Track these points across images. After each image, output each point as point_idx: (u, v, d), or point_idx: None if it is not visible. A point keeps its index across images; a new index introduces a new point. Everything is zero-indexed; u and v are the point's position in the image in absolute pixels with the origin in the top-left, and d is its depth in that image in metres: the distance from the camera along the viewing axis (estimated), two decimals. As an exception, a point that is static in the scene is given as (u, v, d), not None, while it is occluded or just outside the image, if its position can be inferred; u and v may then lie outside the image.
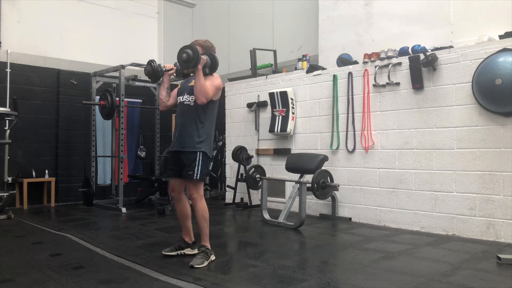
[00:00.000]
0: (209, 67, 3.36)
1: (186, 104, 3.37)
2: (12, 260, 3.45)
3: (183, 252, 3.51)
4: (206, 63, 3.31)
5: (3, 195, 5.70)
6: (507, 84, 3.86)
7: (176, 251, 3.51)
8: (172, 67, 3.51)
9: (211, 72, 3.40)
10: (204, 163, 3.32)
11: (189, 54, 3.18)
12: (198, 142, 3.31)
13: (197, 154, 3.30)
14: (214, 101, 3.41)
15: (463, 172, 4.33)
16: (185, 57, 3.19)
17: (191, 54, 3.18)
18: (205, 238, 3.35)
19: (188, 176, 3.31)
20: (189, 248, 3.53)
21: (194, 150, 3.30)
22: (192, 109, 3.34)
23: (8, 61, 6.60)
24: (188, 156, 3.30)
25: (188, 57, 3.18)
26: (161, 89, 3.53)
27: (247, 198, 6.41)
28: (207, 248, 3.32)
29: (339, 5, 5.85)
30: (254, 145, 6.58)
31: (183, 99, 3.39)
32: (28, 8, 7.06)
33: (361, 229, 4.72)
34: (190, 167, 3.28)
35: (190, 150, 3.31)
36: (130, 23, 8.43)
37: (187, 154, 3.31)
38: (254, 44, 6.94)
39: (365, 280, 2.92)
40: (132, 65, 6.54)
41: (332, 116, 5.49)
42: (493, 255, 3.48)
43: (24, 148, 6.69)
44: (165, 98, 3.51)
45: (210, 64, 3.36)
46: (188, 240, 3.54)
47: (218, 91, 3.41)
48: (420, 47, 4.71)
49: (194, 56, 3.18)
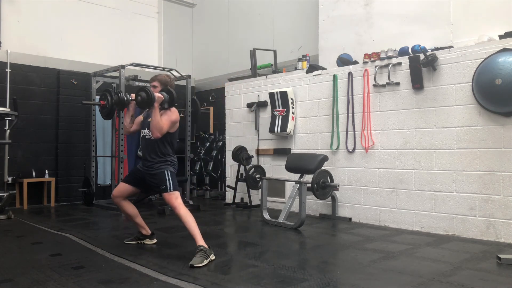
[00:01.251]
0: (167, 102, 3.64)
1: (148, 138, 3.71)
2: (12, 260, 3.45)
3: (142, 242, 3.99)
4: (164, 100, 3.61)
5: (3, 195, 5.70)
6: (507, 84, 3.86)
7: (136, 240, 4.00)
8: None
9: (170, 106, 3.69)
10: (173, 176, 3.65)
11: (143, 96, 3.51)
12: (162, 164, 3.66)
13: (165, 172, 3.63)
14: (171, 133, 3.71)
15: (463, 172, 4.33)
16: (140, 99, 3.53)
17: (145, 97, 3.50)
18: (198, 238, 3.42)
19: (164, 190, 3.60)
20: (148, 239, 4.00)
21: (162, 170, 3.64)
22: (153, 142, 3.67)
23: (8, 61, 6.60)
24: (158, 177, 3.63)
25: (142, 100, 3.52)
26: (125, 117, 3.83)
27: (247, 198, 6.41)
28: (205, 247, 3.35)
29: (339, 5, 5.85)
30: (254, 145, 6.58)
31: (145, 133, 3.75)
32: (28, 8, 7.06)
33: (361, 229, 4.72)
34: (162, 182, 3.60)
35: (158, 172, 3.64)
36: (130, 23, 8.42)
37: (156, 176, 3.64)
38: (254, 44, 6.94)
39: (365, 280, 2.92)
40: (132, 65, 6.54)
41: (332, 116, 5.49)
42: (493, 255, 3.48)
43: (24, 148, 6.69)
44: (128, 125, 3.82)
45: (168, 99, 3.65)
46: (145, 232, 3.99)
47: (174, 124, 3.71)
48: (420, 47, 4.71)
49: (148, 98, 3.50)
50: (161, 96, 3.58)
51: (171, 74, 3.85)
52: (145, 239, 4.01)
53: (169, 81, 3.83)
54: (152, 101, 3.50)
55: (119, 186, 3.94)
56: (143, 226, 3.99)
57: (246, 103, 6.68)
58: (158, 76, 3.83)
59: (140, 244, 3.96)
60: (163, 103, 3.61)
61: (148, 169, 3.69)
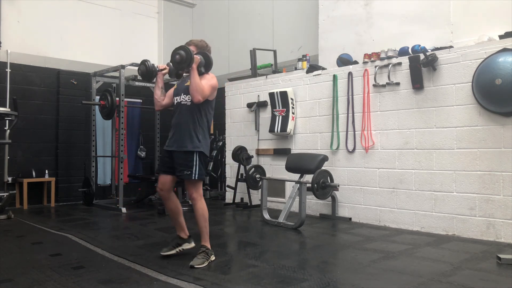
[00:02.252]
0: (204, 66, 3.37)
1: (183, 104, 3.36)
2: (12, 260, 3.45)
3: (181, 248, 3.50)
4: (201, 62, 3.32)
5: (3, 195, 5.70)
6: (507, 84, 3.86)
7: (174, 249, 3.49)
8: (165, 67, 3.50)
9: (206, 70, 3.41)
10: (201, 162, 3.31)
11: (182, 55, 3.18)
12: (195, 142, 3.29)
13: (194, 154, 3.28)
14: (210, 101, 3.41)
15: (463, 172, 4.33)
16: (178, 58, 3.19)
17: (184, 55, 3.18)
18: (205, 237, 3.34)
19: (186, 176, 3.28)
20: (186, 242, 3.54)
21: (192, 150, 3.28)
22: (189, 109, 3.33)
23: (8, 61, 6.60)
24: (185, 156, 3.28)
25: (181, 58, 3.19)
26: (155, 89, 3.50)
27: (247, 198, 6.41)
28: (207, 248, 3.31)
29: (339, 5, 5.85)
30: (254, 145, 6.58)
31: (180, 99, 3.39)
32: (28, 8, 7.06)
33: (361, 229, 4.72)
34: (187, 167, 3.26)
35: (187, 150, 3.29)
36: (130, 23, 8.43)
37: (184, 154, 3.29)
38: (254, 44, 6.94)
39: (365, 280, 2.92)
40: (132, 65, 6.52)
41: (332, 116, 5.49)
42: (493, 255, 3.48)
43: (24, 148, 6.69)
44: (160, 98, 3.48)
45: (205, 63, 3.37)
46: (184, 235, 3.54)
47: (214, 90, 3.40)
48: (420, 47, 4.71)
49: (187, 57, 3.18)
50: (198, 58, 3.27)
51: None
52: (184, 244, 3.53)
53: (206, 46, 3.52)
54: (191, 60, 3.17)
55: (159, 177, 3.52)
56: (182, 228, 3.55)
57: (246, 103, 6.68)
58: (193, 40, 3.51)
59: (180, 253, 3.49)
60: (199, 66, 3.30)
61: (176, 143, 3.32)
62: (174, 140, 3.36)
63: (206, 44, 3.54)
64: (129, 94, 7.24)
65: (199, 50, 3.42)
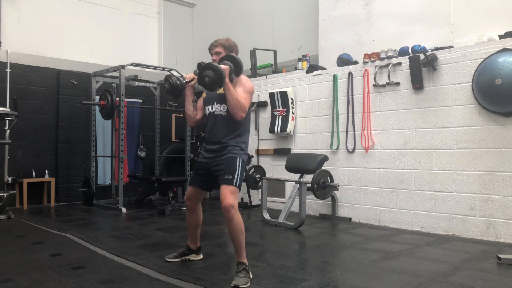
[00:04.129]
0: (234, 72, 2.99)
1: (218, 115, 3.02)
2: (12, 260, 3.45)
3: (187, 258, 3.37)
4: (230, 70, 2.94)
5: (3, 195, 5.69)
6: (507, 84, 3.86)
7: (180, 257, 3.36)
8: (193, 77, 3.12)
9: (237, 74, 3.02)
10: (243, 169, 3.00)
11: (211, 76, 2.84)
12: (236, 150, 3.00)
13: (237, 159, 2.97)
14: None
15: (463, 172, 4.33)
16: (208, 80, 2.84)
17: (214, 76, 2.83)
18: (242, 254, 2.95)
19: (227, 181, 2.91)
20: (194, 254, 3.39)
21: (235, 156, 2.98)
22: (226, 120, 3.00)
23: (8, 61, 6.60)
24: (227, 162, 2.97)
25: (211, 80, 2.84)
26: (186, 104, 3.15)
27: (247, 198, 6.41)
28: (246, 265, 2.94)
29: (339, 5, 5.85)
30: (254, 145, 6.58)
31: (213, 109, 3.04)
32: (28, 8, 7.05)
33: (361, 229, 4.72)
34: (230, 171, 2.92)
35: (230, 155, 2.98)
36: (130, 23, 8.42)
37: (225, 160, 2.98)
38: (254, 44, 6.94)
39: (365, 280, 2.92)
40: (132, 65, 6.53)
41: (332, 116, 5.49)
42: (493, 255, 3.48)
43: (24, 148, 6.69)
44: (193, 113, 3.15)
45: (234, 69, 2.98)
46: (194, 246, 3.39)
47: (251, 95, 3.06)
48: (420, 47, 4.71)
49: (217, 77, 2.83)
50: (227, 67, 2.90)
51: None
52: (192, 254, 3.37)
53: (234, 45, 3.16)
54: (222, 77, 2.82)
55: (189, 189, 3.25)
56: (196, 239, 3.36)
57: (246, 103, 6.67)
58: (219, 40, 3.14)
59: (184, 261, 3.35)
60: (230, 74, 2.92)
61: (215, 155, 3.00)
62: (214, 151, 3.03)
63: (234, 43, 3.21)
64: (129, 94, 7.23)
65: (228, 52, 3.09)
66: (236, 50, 3.19)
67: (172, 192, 6.58)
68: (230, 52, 3.12)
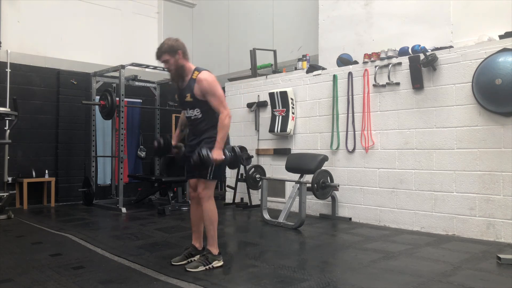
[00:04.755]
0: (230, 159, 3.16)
1: (193, 119, 3.20)
2: (12, 260, 3.45)
3: (193, 259, 3.26)
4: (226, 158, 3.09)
5: (3, 195, 5.70)
6: (507, 84, 3.86)
7: (186, 259, 3.27)
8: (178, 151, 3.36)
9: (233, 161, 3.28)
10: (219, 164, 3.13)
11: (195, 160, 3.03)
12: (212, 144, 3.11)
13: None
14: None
15: (463, 172, 4.33)
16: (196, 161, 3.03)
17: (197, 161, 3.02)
18: (210, 241, 3.17)
19: (202, 176, 3.14)
20: (199, 255, 3.30)
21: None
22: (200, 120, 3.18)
23: (8, 61, 6.60)
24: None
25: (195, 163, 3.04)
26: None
27: (247, 198, 6.41)
28: (210, 252, 3.15)
29: (339, 5, 5.85)
30: (254, 145, 6.57)
31: (189, 114, 3.22)
32: (28, 8, 7.06)
33: (361, 229, 4.72)
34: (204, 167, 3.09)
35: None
36: (130, 23, 8.42)
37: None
38: (254, 44, 6.94)
39: (365, 280, 2.92)
40: (132, 65, 6.54)
41: (332, 116, 5.49)
42: (493, 255, 3.48)
43: (24, 148, 6.69)
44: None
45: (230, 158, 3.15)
46: (199, 246, 3.35)
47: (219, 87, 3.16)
48: (420, 47, 4.71)
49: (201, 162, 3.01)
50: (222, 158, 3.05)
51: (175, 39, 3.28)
52: (197, 256, 3.29)
53: (175, 44, 3.16)
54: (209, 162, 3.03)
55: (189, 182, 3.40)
56: (199, 237, 3.36)
57: (246, 103, 6.68)
58: (161, 48, 3.16)
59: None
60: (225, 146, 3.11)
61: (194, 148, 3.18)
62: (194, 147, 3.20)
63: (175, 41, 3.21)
64: (129, 94, 7.24)
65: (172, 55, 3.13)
66: (179, 47, 3.17)
67: (172, 192, 6.58)
68: (175, 53, 3.14)
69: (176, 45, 3.18)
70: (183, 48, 3.21)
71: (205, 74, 3.17)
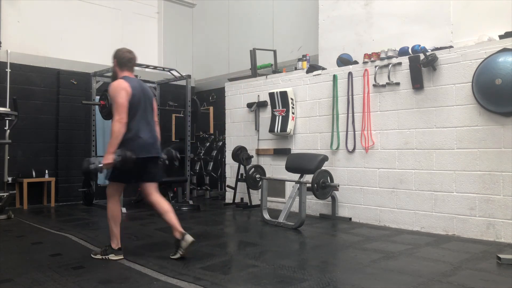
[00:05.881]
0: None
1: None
2: (12, 260, 3.45)
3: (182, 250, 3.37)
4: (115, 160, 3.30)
5: (3, 195, 5.70)
6: (507, 84, 3.86)
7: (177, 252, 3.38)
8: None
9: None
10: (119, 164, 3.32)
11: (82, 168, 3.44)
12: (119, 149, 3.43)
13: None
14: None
15: (463, 172, 4.33)
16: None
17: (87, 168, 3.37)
18: (111, 238, 3.50)
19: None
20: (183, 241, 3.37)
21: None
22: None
23: (8, 61, 6.60)
24: None
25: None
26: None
27: (247, 198, 6.41)
28: (108, 245, 3.49)
29: (339, 5, 5.85)
30: (254, 145, 6.57)
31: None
32: (28, 8, 7.06)
33: (361, 229, 4.72)
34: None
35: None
36: (130, 23, 8.42)
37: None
38: (254, 44, 6.94)
39: (365, 280, 2.92)
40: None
41: (332, 116, 5.49)
42: (493, 255, 3.48)
43: (24, 148, 6.69)
44: None
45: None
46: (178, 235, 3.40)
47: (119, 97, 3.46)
48: (420, 47, 4.71)
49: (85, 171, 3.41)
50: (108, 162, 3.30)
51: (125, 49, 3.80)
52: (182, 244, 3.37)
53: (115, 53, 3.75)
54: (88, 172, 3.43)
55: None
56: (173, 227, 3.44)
57: (246, 103, 6.68)
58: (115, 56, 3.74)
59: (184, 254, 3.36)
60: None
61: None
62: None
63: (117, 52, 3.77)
64: (129, 94, 7.23)
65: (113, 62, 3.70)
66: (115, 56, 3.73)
67: (172, 192, 6.58)
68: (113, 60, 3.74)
69: (115, 53, 3.74)
70: (118, 58, 3.71)
71: (115, 81, 3.59)
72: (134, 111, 3.47)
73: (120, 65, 3.69)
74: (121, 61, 3.68)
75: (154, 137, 3.59)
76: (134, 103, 3.48)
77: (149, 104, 3.64)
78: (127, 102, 3.44)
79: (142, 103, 3.54)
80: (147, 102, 3.60)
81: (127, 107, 3.44)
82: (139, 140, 3.46)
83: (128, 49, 3.73)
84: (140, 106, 3.52)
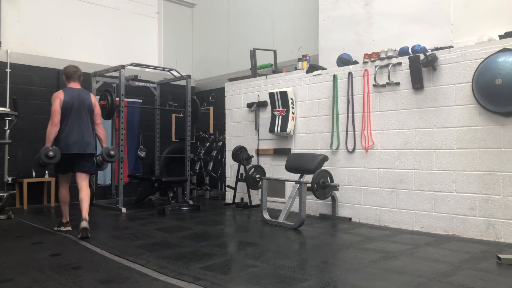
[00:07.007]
0: None
1: None
2: (12, 260, 3.45)
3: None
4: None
5: (3, 195, 5.70)
6: (507, 84, 3.86)
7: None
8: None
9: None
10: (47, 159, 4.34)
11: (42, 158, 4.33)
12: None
13: None
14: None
15: (463, 172, 4.33)
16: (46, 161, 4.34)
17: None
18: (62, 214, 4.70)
19: None
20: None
21: None
22: None
23: (8, 61, 6.60)
24: None
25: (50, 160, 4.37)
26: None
27: (247, 198, 6.41)
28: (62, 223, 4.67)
29: (339, 5, 5.85)
30: (254, 145, 6.58)
31: None
32: (28, 8, 7.06)
33: (361, 229, 4.72)
34: None
35: None
36: (130, 23, 8.43)
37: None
38: (254, 44, 6.94)
39: (365, 280, 2.92)
40: (132, 65, 6.53)
41: (332, 116, 5.49)
42: (493, 255, 3.48)
43: (24, 148, 6.69)
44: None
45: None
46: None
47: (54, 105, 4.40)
48: (420, 47, 4.71)
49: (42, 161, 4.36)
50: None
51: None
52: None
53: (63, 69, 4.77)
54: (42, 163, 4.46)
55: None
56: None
57: (246, 103, 6.68)
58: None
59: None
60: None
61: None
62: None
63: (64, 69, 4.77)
64: (129, 94, 7.24)
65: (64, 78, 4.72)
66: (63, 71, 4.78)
67: (172, 192, 6.58)
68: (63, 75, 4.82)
69: (63, 70, 4.77)
70: (65, 73, 4.69)
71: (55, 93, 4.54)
72: (65, 116, 4.38)
73: (67, 78, 4.66)
74: (67, 75, 4.65)
75: (82, 137, 4.45)
76: (68, 109, 4.38)
77: (85, 109, 4.50)
78: (60, 109, 4.34)
79: (75, 109, 4.41)
80: (82, 108, 4.47)
81: (59, 112, 4.34)
82: (67, 139, 4.38)
83: (74, 65, 4.72)
84: (73, 112, 4.40)
